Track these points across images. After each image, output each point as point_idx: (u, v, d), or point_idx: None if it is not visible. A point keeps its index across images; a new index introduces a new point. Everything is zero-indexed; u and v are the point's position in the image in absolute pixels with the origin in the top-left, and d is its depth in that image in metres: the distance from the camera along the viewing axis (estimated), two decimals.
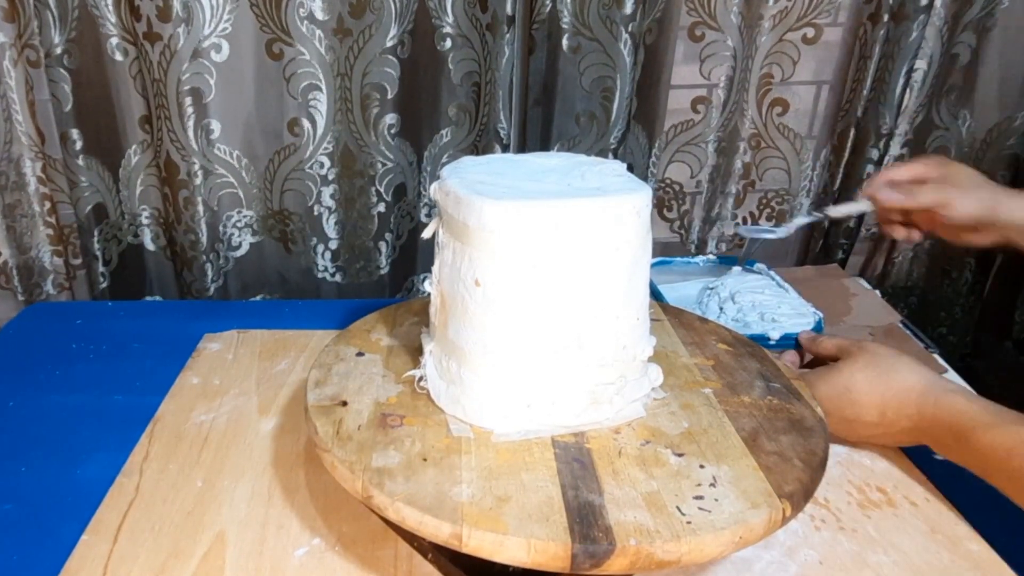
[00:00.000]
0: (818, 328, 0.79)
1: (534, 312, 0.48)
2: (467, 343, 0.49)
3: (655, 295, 0.84)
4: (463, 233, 0.48)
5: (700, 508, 0.43)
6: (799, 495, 0.45)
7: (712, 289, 0.85)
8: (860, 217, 1.08)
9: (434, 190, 0.51)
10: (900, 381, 0.59)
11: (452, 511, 0.42)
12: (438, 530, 0.42)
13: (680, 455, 0.48)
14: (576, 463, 0.47)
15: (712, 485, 0.45)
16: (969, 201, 0.72)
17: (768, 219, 1.12)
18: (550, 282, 0.47)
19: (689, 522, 0.42)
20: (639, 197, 0.48)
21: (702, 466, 0.47)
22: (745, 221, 1.12)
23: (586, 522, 0.42)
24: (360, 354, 0.59)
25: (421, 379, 0.54)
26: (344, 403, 0.52)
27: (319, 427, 0.50)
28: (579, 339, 0.48)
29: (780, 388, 0.57)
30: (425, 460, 0.47)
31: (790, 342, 0.75)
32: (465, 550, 0.42)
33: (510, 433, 0.49)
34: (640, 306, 0.51)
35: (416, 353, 0.58)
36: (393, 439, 0.49)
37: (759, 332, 0.77)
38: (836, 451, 0.64)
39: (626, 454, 0.48)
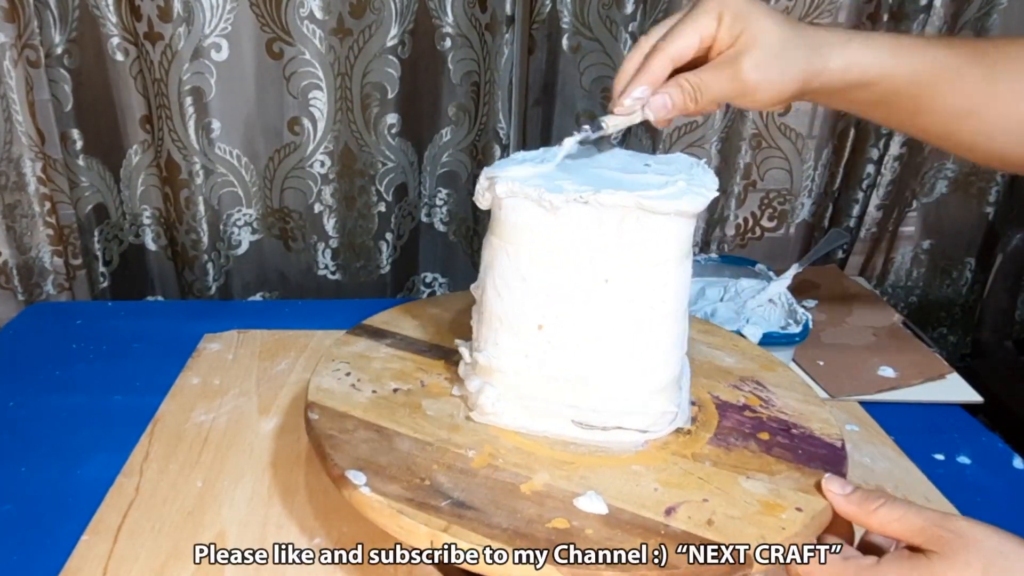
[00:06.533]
0: (805, 330, 0.75)
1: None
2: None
3: None
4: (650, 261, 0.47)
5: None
6: None
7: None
8: (860, 217, 1.08)
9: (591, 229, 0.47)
10: None
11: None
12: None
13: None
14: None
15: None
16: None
17: (770, 219, 1.12)
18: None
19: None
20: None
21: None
22: (746, 222, 1.12)
23: None
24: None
25: None
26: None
27: None
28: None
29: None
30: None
31: (777, 340, 0.74)
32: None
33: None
34: None
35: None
36: None
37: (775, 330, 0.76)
38: None
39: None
